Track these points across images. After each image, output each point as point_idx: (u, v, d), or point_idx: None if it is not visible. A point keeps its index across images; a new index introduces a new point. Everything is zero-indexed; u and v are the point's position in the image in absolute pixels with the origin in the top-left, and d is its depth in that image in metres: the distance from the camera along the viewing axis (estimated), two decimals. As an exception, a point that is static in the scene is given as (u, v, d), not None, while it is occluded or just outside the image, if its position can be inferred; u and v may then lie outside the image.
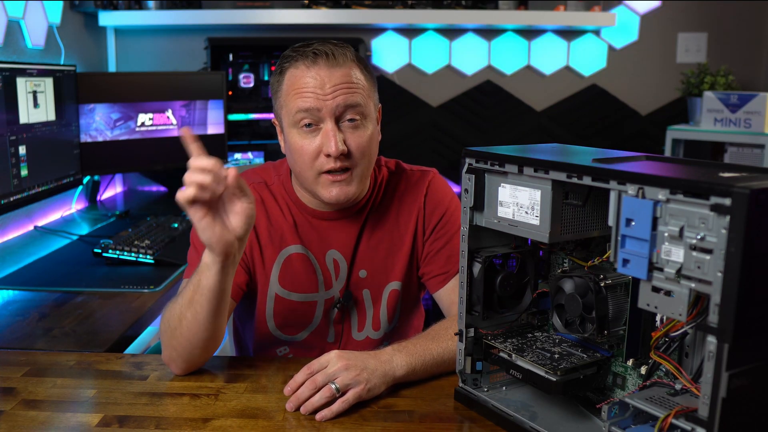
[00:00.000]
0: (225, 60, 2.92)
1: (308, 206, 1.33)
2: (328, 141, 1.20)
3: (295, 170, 1.28)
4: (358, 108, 1.23)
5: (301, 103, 1.21)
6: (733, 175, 0.76)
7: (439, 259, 1.35)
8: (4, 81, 1.89)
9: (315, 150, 1.22)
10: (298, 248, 1.33)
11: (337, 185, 1.24)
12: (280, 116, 1.28)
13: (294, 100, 1.22)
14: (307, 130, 1.22)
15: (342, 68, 1.22)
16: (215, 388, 1.13)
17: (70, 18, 2.68)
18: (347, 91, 1.21)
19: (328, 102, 1.20)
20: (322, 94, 1.20)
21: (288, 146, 1.27)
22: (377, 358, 1.11)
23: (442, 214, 1.36)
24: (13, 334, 1.39)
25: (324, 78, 1.21)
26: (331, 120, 1.21)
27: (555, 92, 3.26)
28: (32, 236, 2.22)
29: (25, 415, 1.03)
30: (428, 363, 1.14)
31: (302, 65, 1.22)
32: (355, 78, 1.23)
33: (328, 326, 1.36)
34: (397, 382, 1.12)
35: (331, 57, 1.22)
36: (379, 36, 3.16)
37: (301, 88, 1.21)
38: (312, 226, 1.34)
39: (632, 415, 0.88)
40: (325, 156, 1.22)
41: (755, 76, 3.26)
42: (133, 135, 2.65)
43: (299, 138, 1.23)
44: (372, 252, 1.35)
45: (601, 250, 1.02)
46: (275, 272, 1.33)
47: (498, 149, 1.01)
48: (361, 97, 1.23)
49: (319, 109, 1.20)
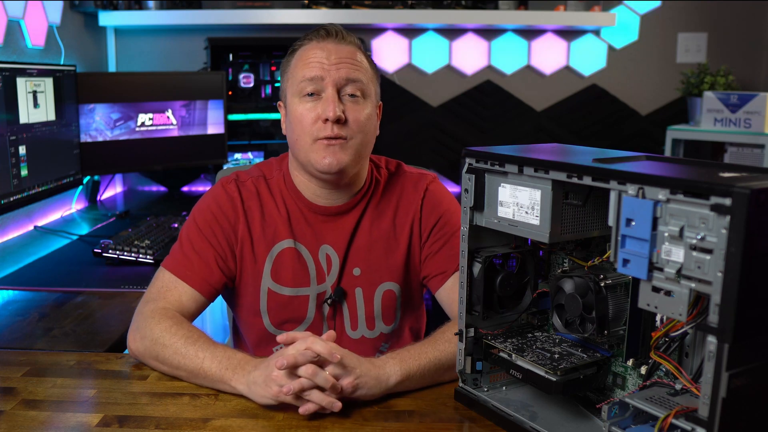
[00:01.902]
0: (225, 60, 2.91)
1: (306, 198, 1.34)
2: (327, 105, 1.24)
3: (292, 140, 1.30)
4: (359, 84, 1.28)
5: (307, 72, 1.26)
6: (733, 175, 0.76)
7: (437, 260, 1.35)
8: (4, 81, 1.89)
9: (314, 117, 1.26)
10: (290, 243, 1.33)
11: (331, 151, 1.25)
12: (286, 93, 1.32)
13: (300, 69, 1.28)
14: (309, 99, 1.27)
15: (349, 46, 1.29)
16: (215, 389, 1.13)
17: (70, 18, 2.68)
18: (351, 65, 1.27)
19: (332, 72, 1.26)
20: (328, 64, 1.26)
21: (289, 118, 1.30)
22: (371, 361, 1.11)
23: (439, 217, 1.36)
24: (13, 334, 1.39)
25: (331, 50, 1.27)
26: (332, 88, 1.25)
27: (555, 92, 3.26)
28: (32, 236, 2.22)
29: (25, 415, 1.03)
30: (424, 366, 1.13)
31: (313, 41, 1.30)
32: (360, 59, 1.30)
33: (322, 322, 1.36)
34: (394, 391, 1.10)
35: (341, 35, 1.30)
36: (379, 36, 3.16)
37: (308, 59, 1.27)
38: (306, 221, 1.34)
39: (632, 415, 0.88)
40: (322, 122, 1.25)
41: (755, 76, 3.26)
42: (133, 135, 2.65)
43: (300, 106, 1.27)
44: (366, 251, 1.35)
45: (601, 250, 1.02)
46: (267, 267, 1.33)
47: (498, 149, 1.01)
48: (363, 76, 1.29)
49: (323, 78, 1.25)
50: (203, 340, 1.15)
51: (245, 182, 1.36)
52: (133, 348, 1.21)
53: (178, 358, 1.14)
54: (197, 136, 2.82)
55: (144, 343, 1.18)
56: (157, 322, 1.19)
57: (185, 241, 1.32)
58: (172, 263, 1.30)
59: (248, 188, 1.35)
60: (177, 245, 1.34)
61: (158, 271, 1.32)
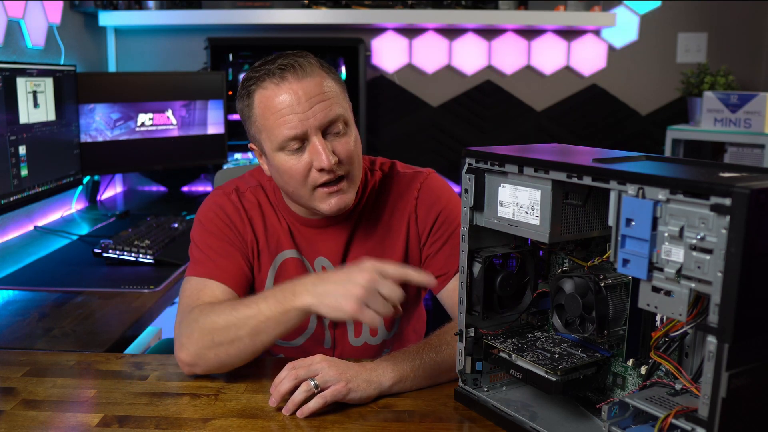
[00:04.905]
0: (225, 60, 2.91)
1: (296, 214, 1.32)
2: (319, 156, 1.18)
3: (287, 190, 1.26)
4: (339, 118, 1.21)
5: (287, 132, 1.18)
6: (733, 175, 0.76)
7: (438, 260, 1.32)
8: (4, 81, 1.89)
9: (305, 167, 1.20)
10: (293, 252, 1.32)
11: (335, 196, 1.22)
12: (260, 141, 1.24)
13: (277, 126, 1.18)
14: (295, 151, 1.20)
15: (312, 78, 1.19)
16: (215, 388, 1.13)
17: (70, 18, 2.68)
18: (324, 102, 1.19)
19: (310, 120, 1.17)
20: (302, 112, 1.17)
21: (275, 169, 1.24)
22: (362, 365, 1.10)
23: (437, 215, 1.32)
24: (13, 334, 1.39)
25: (297, 92, 1.17)
26: (316, 136, 1.18)
27: (555, 92, 3.26)
28: (32, 236, 2.22)
29: (25, 415, 1.03)
30: (418, 367, 1.12)
31: (271, 84, 1.19)
32: (327, 87, 1.20)
33: (324, 331, 1.35)
34: (390, 392, 1.10)
35: (299, 68, 1.19)
36: (379, 36, 3.16)
37: (279, 111, 1.18)
38: (301, 233, 1.33)
39: (632, 415, 0.88)
40: (317, 171, 1.19)
41: (755, 76, 3.26)
42: (133, 135, 2.65)
43: (287, 159, 1.20)
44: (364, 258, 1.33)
45: (601, 250, 1.02)
46: (271, 277, 1.32)
47: (498, 149, 1.01)
48: (339, 107, 1.21)
49: (305, 130, 1.18)
50: (248, 299, 1.13)
51: (245, 192, 1.33)
52: (184, 357, 1.14)
53: (234, 322, 1.10)
54: (197, 136, 2.82)
55: (193, 340, 1.13)
56: (199, 314, 1.14)
57: (202, 246, 1.28)
58: (197, 269, 1.26)
59: (249, 199, 1.33)
60: (195, 252, 1.29)
61: (184, 282, 1.26)
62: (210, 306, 1.16)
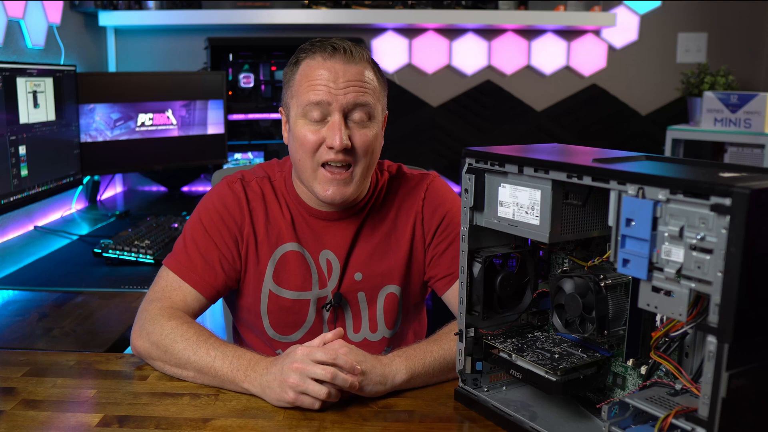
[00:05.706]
0: (225, 60, 2.91)
1: (306, 203, 1.33)
2: (333, 134, 1.21)
3: (295, 160, 1.28)
4: (367, 108, 1.24)
5: (313, 96, 1.22)
6: (733, 175, 0.76)
7: (443, 261, 1.34)
8: (4, 81, 1.89)
9: (318, 140, 1.23)
10: (294, 246, 1.33)
11: (335, 184, 1.24)
12: (289, 105, 1.28)
13: (306, 91, 1.23)
14: (315, 122, 1.23)
15: (357, 65, 1.24)
16: (215, 388, 1.13)
17: (70, 18, 2.68)
18: (359, 89, 1.23)
19: (339, 97, 1.21)
20: (335, 87, 1.21)
21: (292, 135, 1.27)
22: (377, 358, 1.11)
23: (442, 217, 1.35)
24: (13, 334, 1.39)
25: (338, 71, 1.22)
26: (339, 114, 1.22)
27: (555, 92, 3.26)
28: (32, 236, 2.22)
29: (25, 415, 1.03)
30: (429, 365, 1.13)
31: (319, 57, 1.24)
32: (368, 78, 1.25)
33: (322, 327, 1.36)
34: (398, 388, 1.11)
35: (348, 53, 1.23)
36: (379, 36, 3.16)
37: (315, 80, 1.22)
38: (308, 225, 1.34)
39: (632, 415, 0.88)
40: (327, 147, 1.22)
41: (755, 76, 3.26)
42: (133, 135, 2.65)
43: (305, 128, 1.24)
44: (368, 256, 1.34)
45: (601, 250, 1.02)
46: (270, 269, 1.33)
47: (498, 149, 1.01)
48: (371, 98, 1.24)
49: (330, 103, 1.21)
50: (213, 339, 1.15)
51: (250, 182, 1.35)
52: (138, 346, 1.20)
53: (188, 355, 1.13)
54: (197, 136, 2.82)
55: (151, 341, 1.17)
56: (166, 320, 1.18)
57: (189, 241, 1.31)
58: (176, 263, 1.29)
59: (253, 189, 1.34)
60: (181, 243, 1.32)
61: (161, 270, 1.30)
62: (177, 326, 1.17)
